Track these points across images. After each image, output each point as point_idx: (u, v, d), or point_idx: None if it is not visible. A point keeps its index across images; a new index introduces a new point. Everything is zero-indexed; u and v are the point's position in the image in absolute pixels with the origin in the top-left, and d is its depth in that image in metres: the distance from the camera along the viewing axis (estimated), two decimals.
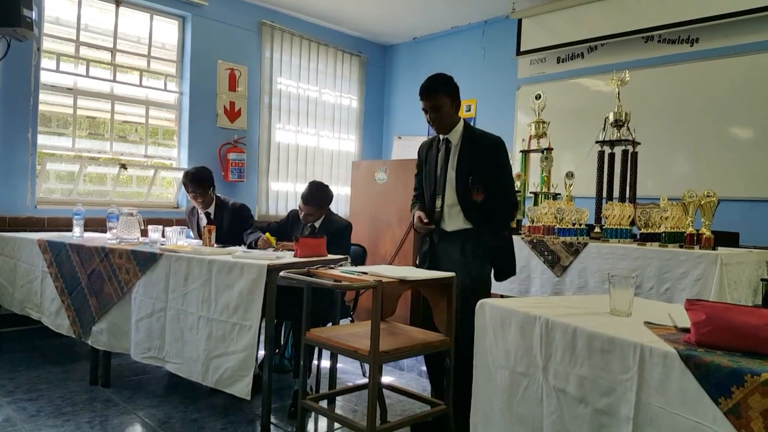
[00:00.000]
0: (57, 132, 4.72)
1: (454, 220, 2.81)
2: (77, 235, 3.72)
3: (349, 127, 6.68)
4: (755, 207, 4.18)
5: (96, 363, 3.40)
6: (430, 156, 2.93)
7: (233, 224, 3.87)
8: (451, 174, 2.80)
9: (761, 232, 3.94)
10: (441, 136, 2.87)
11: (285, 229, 3.73)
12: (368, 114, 6.88)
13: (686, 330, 1.52)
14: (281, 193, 6.00)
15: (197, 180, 3.82)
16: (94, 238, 3.67)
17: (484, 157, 2.76)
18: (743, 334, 1.36)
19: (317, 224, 3.64)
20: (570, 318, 1.71)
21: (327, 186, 3.70)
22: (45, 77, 4.53)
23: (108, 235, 3.57)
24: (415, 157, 3.09)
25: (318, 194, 3.60)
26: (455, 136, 2.83)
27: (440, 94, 2.75)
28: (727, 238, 3.29)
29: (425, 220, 2.84)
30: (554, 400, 1.68)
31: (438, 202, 2.83)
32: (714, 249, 2.92)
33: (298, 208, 3.66)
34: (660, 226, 3.12)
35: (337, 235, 3.54)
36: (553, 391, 1.69)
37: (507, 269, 2.89)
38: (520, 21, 5.53)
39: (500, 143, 2.81)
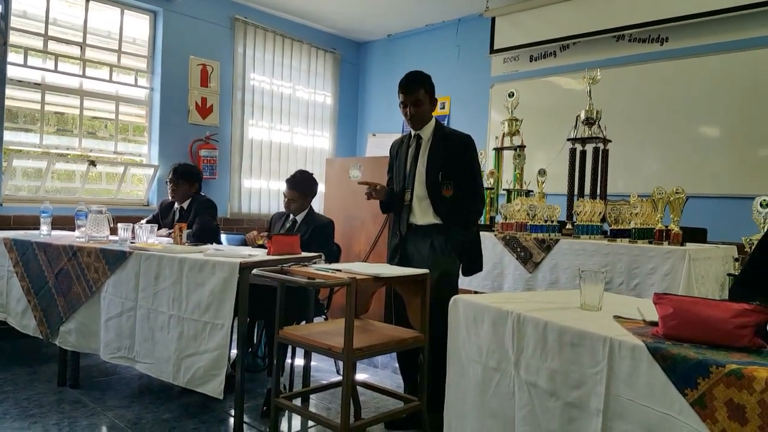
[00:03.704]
0: (24, 128, 4.60)
1: (424, 214, 2.85)
2: (44, 233, 3.64)
3: (323, 124, 6.64)
4: (723, 204, 4.27)
5: (64, 364, 3.34)
6: (400, 152, 2.99)
7: (195, 215, 4.00)
8: (421, 169, 2.85)
9: (728, 228, 4.02)
10: (412, 133, 2.92)
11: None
12: (342, 111, 6.85)
13: (654, 323, 1.54)
14: (254, 191, 5.94)
15: (177, 171, 4.04)
16: (62, 237, 3.59)
17: (455, 154, 2.82)
18: (709, 326, 1.39)
19: (299, 218, 3.65)
20: (541, 313, 1.73)
21: (313, 176, 3.75)
22: (12, 72, 4.41)
23: (76, 233, 3.50)
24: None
25: (303, 180, 3.66)
26: (426, 132, 2.89)
27: (421, 89, 2.82)
28: (695, 234, 3.36)
29: (373, 184, 2.89)
30: (526, 394, 1.69)
31: (407, 196, 2.87)
32: (682, 245, 2.98)
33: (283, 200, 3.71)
34: (630, 223, 3.18)
35: (319, 231, 3.55)
36: (524, 385, 1.70)
37: (474, 265, 2.94)
38: (493, 19, 5.57)
39: (471, 141, 2.89)
